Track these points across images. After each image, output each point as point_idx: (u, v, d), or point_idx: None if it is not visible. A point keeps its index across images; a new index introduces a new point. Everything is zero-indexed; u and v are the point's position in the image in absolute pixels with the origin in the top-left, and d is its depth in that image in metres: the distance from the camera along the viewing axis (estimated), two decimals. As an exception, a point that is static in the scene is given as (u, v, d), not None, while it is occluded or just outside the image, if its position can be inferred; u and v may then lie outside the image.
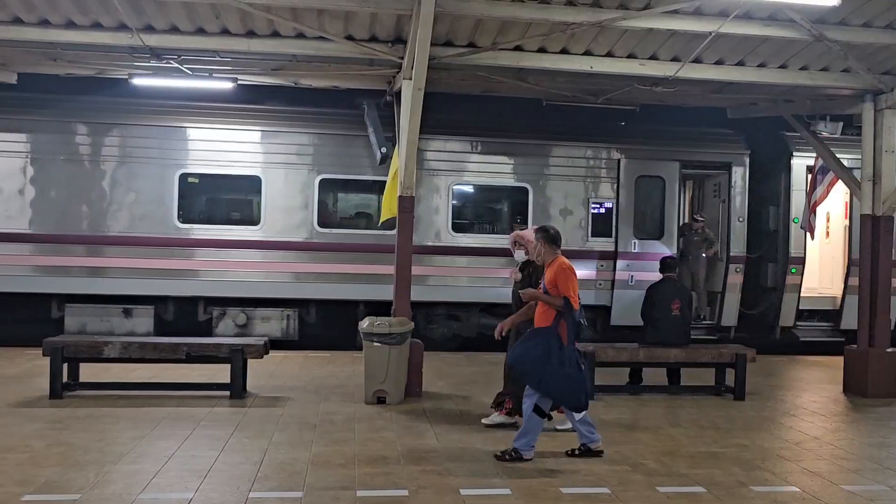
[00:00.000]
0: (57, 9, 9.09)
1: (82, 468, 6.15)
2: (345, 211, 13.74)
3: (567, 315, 6.64)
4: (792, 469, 6.72)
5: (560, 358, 6.60)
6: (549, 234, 6.96)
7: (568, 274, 6.71)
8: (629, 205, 13.64)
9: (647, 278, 12.40)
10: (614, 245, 13.53)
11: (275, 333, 12.82)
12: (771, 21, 9.18)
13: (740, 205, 13.97)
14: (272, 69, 10.93)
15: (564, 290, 6.66)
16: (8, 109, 12.64)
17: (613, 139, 13.77)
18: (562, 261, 6.82)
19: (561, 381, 6.62)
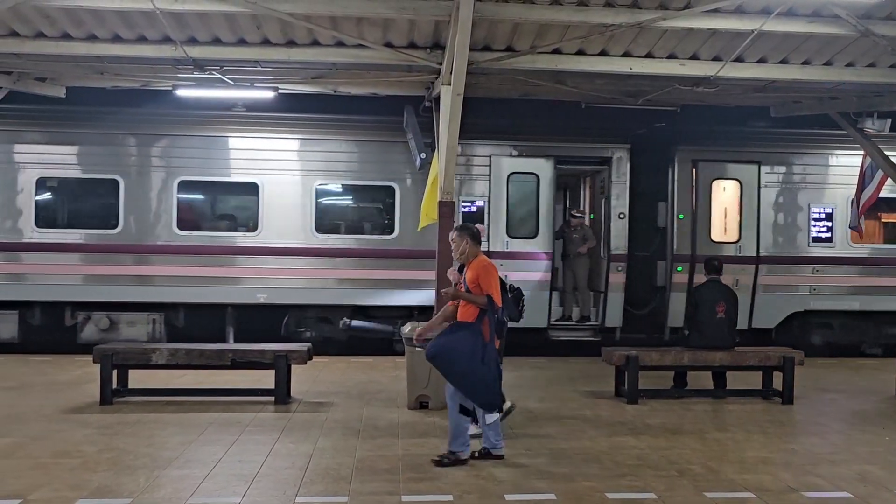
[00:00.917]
0: (104, 24, 9.31)
1: (133, 473, 6.27)
2: (207, 213, 13.56)
3: (490, 313, 6.57)
4: (844, 474, 6.57)
5: (483, 355, 6.53)
6: (474, 233, 6.89)
7: (490, 272, 6.67)
8: (501, 203, 13.20)
9: (523, 278, 12.23)
10: (486, 245, 12.79)
11: (141, 338, 12.68)
12: (815, 17, 9.02)
13: (621, 201, 13.43)
14: (312, 77, 11.06)
15: (487, 289, 6.60)
16: None
17: (484, 135, 13.25)
18: (482, 259, 6.80)
19: (481, 379, 6.54)
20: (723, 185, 13.77)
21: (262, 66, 10.37)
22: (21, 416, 8.23)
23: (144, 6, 8.54)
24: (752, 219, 13.57)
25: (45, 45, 9.67)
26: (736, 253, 13.50)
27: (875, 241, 14.08)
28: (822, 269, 13.58)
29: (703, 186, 13.57)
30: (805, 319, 13.72)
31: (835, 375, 11.70)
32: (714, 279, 10.00)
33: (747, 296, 13.29)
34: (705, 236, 13.54)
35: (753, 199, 13.58)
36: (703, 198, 13.56)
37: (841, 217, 13.68)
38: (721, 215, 13.86)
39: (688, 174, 13.56)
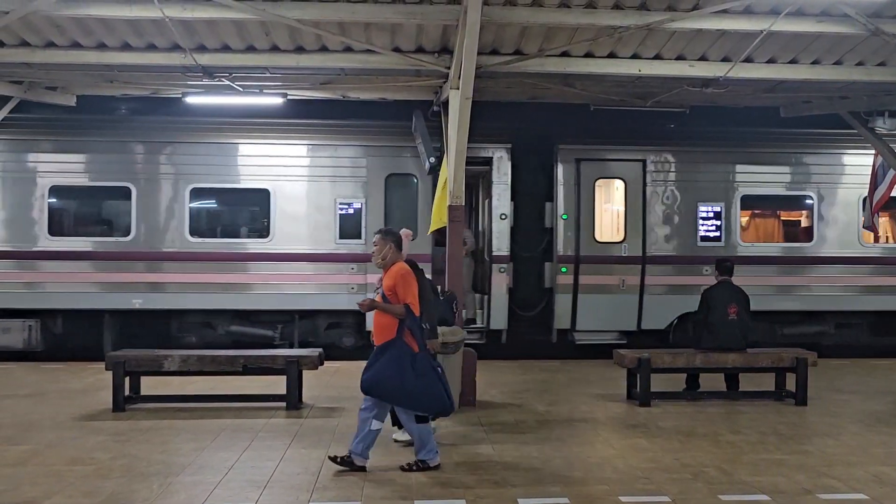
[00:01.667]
0: (113, 32, 9.37)
1: (146, 480, 6.28)
2: (82, 218, 13.33)
3: (410, 321, 6.39)
4: (859, 476, 6.52)
5: (415, 368, 6.35)
6: (397, 238, 6.70)
7: (408, 279, 6.48)
8: (379, 205, 13.02)
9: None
10: (364, 247, 12.79)
11: (16, 345, 12.49)
12: (824, 17, 8.98)
13: (503, 201, 13.12)
14: (321, 83, 11.09)
15: (404, 297, 6.40)
16: None
17: (361, 136, 13.13)
18: (400, 266, 6.57)
19: (422, 392, 6.37)
20: (607, 183, 13.61)
21: (270, 72, 10.41)
22: (35, 423, 8.28)
23: (154, 14, 8.58)
24: (638, 218, 13.30)
25: (55, 55, 9.73)
26: (621, 253, 13.29)
27: (767, 239, 13.86)
28: (711, 269, 13.02)
29: (587, 186, 13.32)
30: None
31: (848, 376, 11.63)
32: (725, 280, 9.96)
33: (635, 297, 13.16)
34: (589, 237, 13.32)
35: (638, 197, 13.32)
36: (587, 197, 13.31)
37: (730, 215, 13.41)
38: (606, 215, 13.75)
39: (571, 173, 13.29)
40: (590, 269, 13.27)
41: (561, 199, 13.27)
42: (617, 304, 13.26)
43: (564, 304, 13.20)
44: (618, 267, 13.24)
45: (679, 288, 13.23)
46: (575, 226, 13.24)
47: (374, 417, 6.50)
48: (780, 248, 13.73)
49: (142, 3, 8.53)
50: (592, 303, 13.23)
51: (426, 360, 6.49)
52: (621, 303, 13.29)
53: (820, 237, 13.62)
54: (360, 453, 6.50)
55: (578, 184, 13.28)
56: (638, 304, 13.26)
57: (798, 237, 14.02)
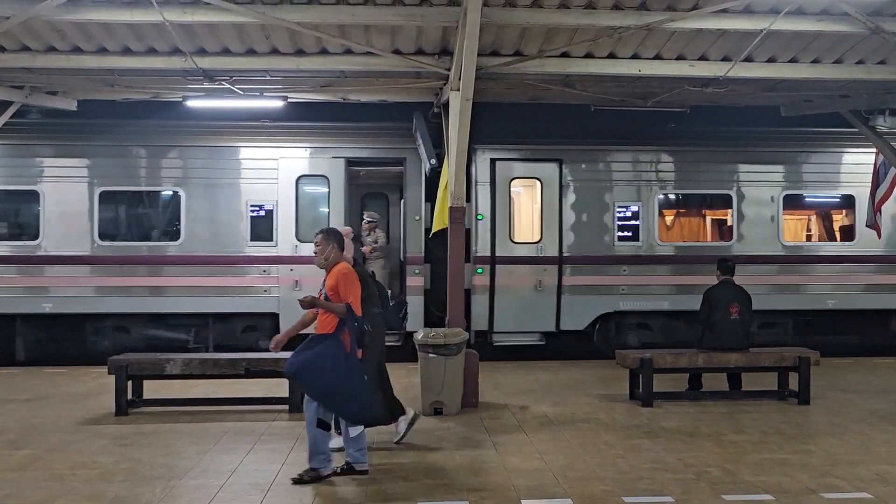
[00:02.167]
0: (114, 36, 9.38)
1: (149, 483, 6.29)
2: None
3: (350, 322, 6.32)
4: (862, 475, 6.51)
5: (345, 368, 6.26)
6: (340, 238, 6.68)
7: (349, 279, 6.41)
8: (290, 207, 12.85)
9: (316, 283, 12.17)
10: (276, 249, 12.77)
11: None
12: (824, 15, 8.98)
13: (416, 202, 12.99)
14: (321, 86, 11.10)
15: (346, 297, 6.33)
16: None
17: (271, 137, 12.97)
18: (343, 266, 6.52)
19: (343, 393, 6.25)
20: (523, 184, 13.45)
21: (271, 75, 10.43)
22: (38, 427, 8.28)
23: (154, 18, 8.60)
24: (554, 218, 13.14)
25: (57, 59, 9.76)
26: (537, 253, 13.12)
27: (684, 239, 13.66)
28: (630, 269, 13.13)
29: (502, 186, 13.14)
30: (623, 320, 13.27)
31: (851, 375, 11.61)
32: (727, 280, 9.95)
33: (552, 297, 13.03)
34: (505, 237, 13.13)
35: (555, 198, 13.15)
36: (503, 198, 13.13)
37: (647, 215, 13.25)
38: (522, 215, 13.57)
39: (486, 173, 13.12)
40: (506, 270, 13.10)
41: (477, 200, 13.10)
42: (534, 305, 13.06)
43: (481, 305, 12.98)
44: (535, 267, 13.07)
45: (597, 288, 13.09)
46: (491, 226, 13.05)
47: (350, 426, 6.42)
48: (699, 248, 13.50)
49: (142, 8, 8.56)
50: (510, 304, 13.04)
51: (357, 363, 6.35)
52: (539, 303, 13.10)
53: (740, 236, 13.45)
54: (359, 458, 6.47)
55: (494, 184, 13.11)
56: (556, 305, 13.11)
57: (718, 236, 13.82)
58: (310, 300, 6.44)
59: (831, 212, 14.20)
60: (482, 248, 13.08)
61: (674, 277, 13.22)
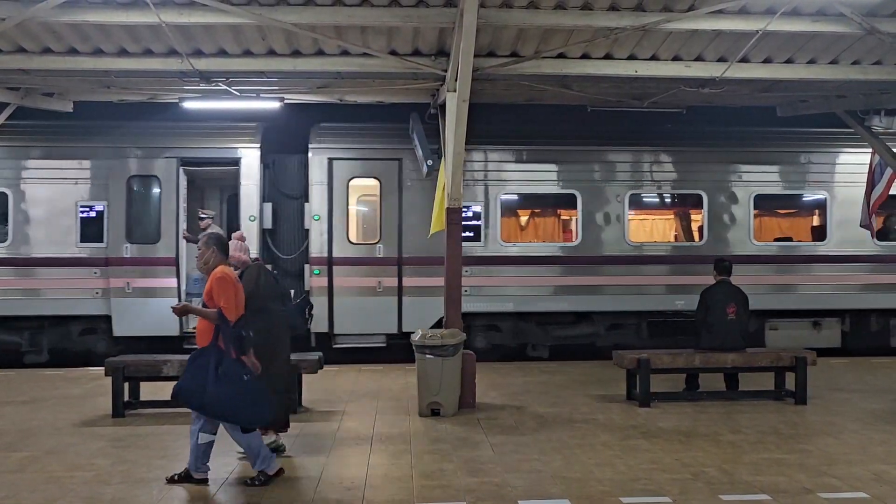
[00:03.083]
0: (110, 38, 9.37)
1: (146, 485, 6.28)
2: None
3: (224, 328, 6.16)
4: (859, 474, 6.52)
5: (222, 374, 6.08)
6: (222, 242, 6.52)
7: (224, 284, 6.22)
8: (120, 207, 12.69)
9: (147, 285, 12.16)
10: (106, 251, 12.66)
11: None
12: (820, 16, 9.00)
13: (251, 202, 12.83)
14: (318, 87, 11.09)
15: (218, 301, 6.18)
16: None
17: (102, 138, 12.82)
18: (220, 269, 6.33)
19: (224, 399, 6.08)
20: (361, 183, 13.25)
21: (267, 76, 10.42)
22: (34, 430, 8.26)
23: (150, 20, 8.58)
24: (394, 219, 12.98)
25: (52, 61, 9.74)
26: (376, 254, 12.98)
27: (528, 239, 13.50)
28: (473, 270, 12.77)
29: (340, 185, 13.00)
30: (472, 322, 12.90)
31: (848, 375, 11.63)
32: (724, 280, 9.96)
33: (393, 299, 12.86)
34: (343, 238, 12.97)
35: (394, 197, 13.01)
36: (340, 197, 12.99)
37: (490, 215, 13.05)
38: (360, 215, 13.41)
39: (323, 173, 12.97)
40: (344, 272, 12.90)
41: (314, 200, 12.96)
42: (375, 307, 12.82)
43: (320, 307, 12.65)
44: (374, 269, 12.88)
45: (439, 290, 12.54)
46: (328, 227, 12.89)
47: (201, 430, 6.32)
48: (543, 248, 13.31)
49: (138, 9, 8.54)
50: (349, 306, 12.80)
51: (234, 367, 6.16)
52: (380, 305, 12.87)
53: (585, 236, 13.26)
54: (196, 468, 6.34)
55: (331, 184, 12.97)
56: (397, 307, 12.89)
57: (563, 237, 13.68)
58: (181, 308, 6.38)
59: (687, 211, 14.00)
60: (318, 249, 12.90)
61: (518, 278, 12.99)
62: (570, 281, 13.12)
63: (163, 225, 12.84)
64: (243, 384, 6.15)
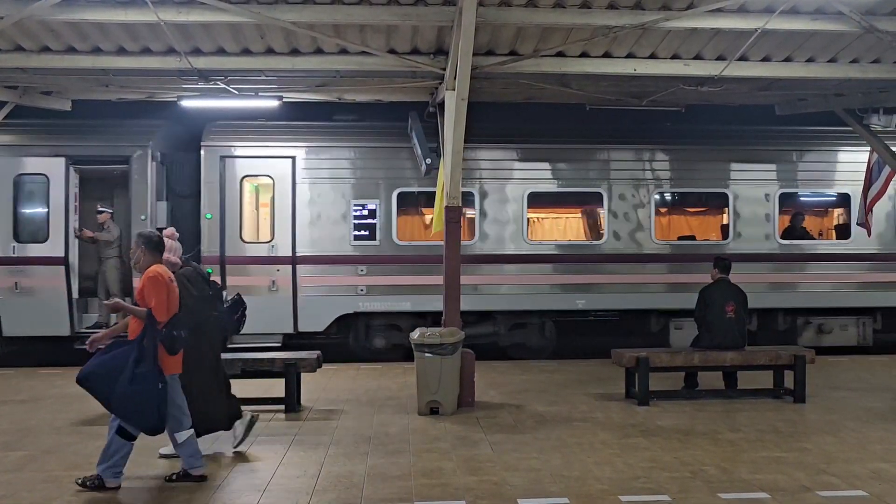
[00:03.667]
0: (108, 36, 9.36)
1: (146, 484, 6.28)
2: None
3: (151, 329, 6.04)
4: (858, 472, 6.53)
5: (135, 374, 5.94)
6: (153, 241, 6.39)
7: (155, 283, 6.12)
8: (7, 206, 12.50)
9: (33, 284, 12.14)
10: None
11: None
12: (818, 15, 9.00)
13: (142, 200, 12.60)
14: (316, 86, 11.09)
15: (148, 301, 6.08)
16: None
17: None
18: (152, 269, 6.23)
19: (135, 399, 5.94)
20: (254, 181, 13.18)
21: (266, 75, 10.41)
22: (33, 429, 8.25)
23: (149, 18, 8.57)
24: (287, 217, 12.82)
25: (51, 59, 9.72)
26: (270, 253, 12.79)
27: (425, 238, 13.09)
28: (368, 269, 12.79)
29: (232, 183, 12.84)
30: (372, 321, 12.99)
31: (846, 373, 11.64)
32: (723, 279, 9.97)
33: (288, 298, 12.67)
34: (235, 236, 12.80)
35: (288, 196, 12.84)
36: (232, 196, 12.83)
37: (385, 213, 12.91)
38: (253, 213, 13.29)
39: (216, 171, 12.77)
40: (237, 270, 12.72)
41: (205, 199, 12.77)
42: (270, 307, 12.57)
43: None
44: (267, 268, 12.72)
45: (334, 288, 12.74)
46: (220, 225, 12.71)
47: (181, 429, 6.30)
48: (438, 247, 12.60)
49: (137, 7, 8.53)
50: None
51: (152, 371, 6.02)
52: (274, 305, 12.66)
53: (484, 234, 13.07)
54: (193, 463, 6.32)
55: (223, 182, 12.80)
56: (292, 306, 12.74)
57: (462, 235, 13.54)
58: (112, 305, 6.30)
59: (588, 209, 13.78)
60: (210, 248, 12.74)
61: (415, 277, 12.77)
62: (467, 280, 12.66)
63: (51, 224, 12.60)
64: (156, 391, 6.02)
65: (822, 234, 14.31)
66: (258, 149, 13.00)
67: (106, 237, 12.76)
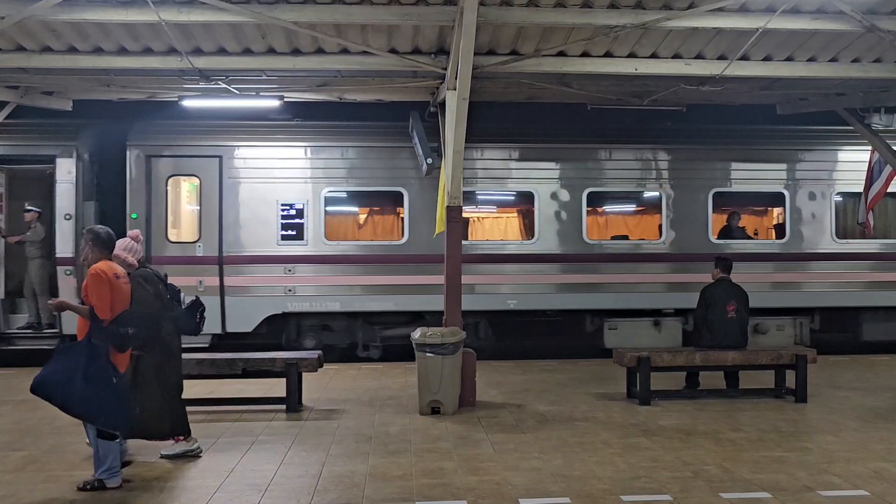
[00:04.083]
0: (109, 36, 9.36)
1: (147, 484, 6.28)
2: None
3: (96, 327, 6.01)
4: (860, 472, 6.52)
5: (88, 374, 5.90)
6: (100, 238, 6.33)
7: (98, 280, 6.07)
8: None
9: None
10: None
11: None
12: (819, 14, 9.00)
13: (67, 200, 12.49)
14: (317, 85, 11.09)
15: (91, 300, 6.05)
16: None
17: None
18: (96, 266, 6.19)
19: (91, 399, 5.89)
20: (180, 181, 13.00)
21: (267, 75, 10.41)
22: (34, 429, 8.26)
23: (150, 18, 8.58)
24: (214, 217, 12.69)
25: (52, 59, 9.72)
26: (196, 253, 12.65)
27: (353, 238, 13.25)
28: (296, 269, 12.67)
29: (158, 183, 12.70)
30: (303, 321, 12.87)
31: (848, 373, 11.63)
32: (724, 278, 9.97)
33: (216, 298, 12.43)
34: (161, 236, 12.67)
35: (214, 195, 12.72)
36: (158, 195, 12.70)
37: (313, 213, 12.74)
38: (179, 213, 13.16)
39: (141, 170, 12.67)
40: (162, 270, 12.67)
41: (130, 198, 12.65)
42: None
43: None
44: (194, 268, 12.55)
45: (262, 289, 12.62)
46: (146, 225, 12.55)
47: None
48: (366, 247, 12.97)
49: (138, 7, 8.54)
50: None
51: (104, 368, 5.99)
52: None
53: (411, 234, 12.87)
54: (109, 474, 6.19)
55: (149, 182, 12.70)
56: (220, 306, 12.56)
57: (389, 235, 13.34)
58: (57, 303, 6.25)
59: (520, 209, 13.62)
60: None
61: (344, 278, 12.70)
62: (397, 280, 12.76)
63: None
64: (112, 387, 5.98)
65: (757, 233, 14.16)
66: (185, 148, 12.85)
67: (32, 237, 12.65)
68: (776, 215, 14.09)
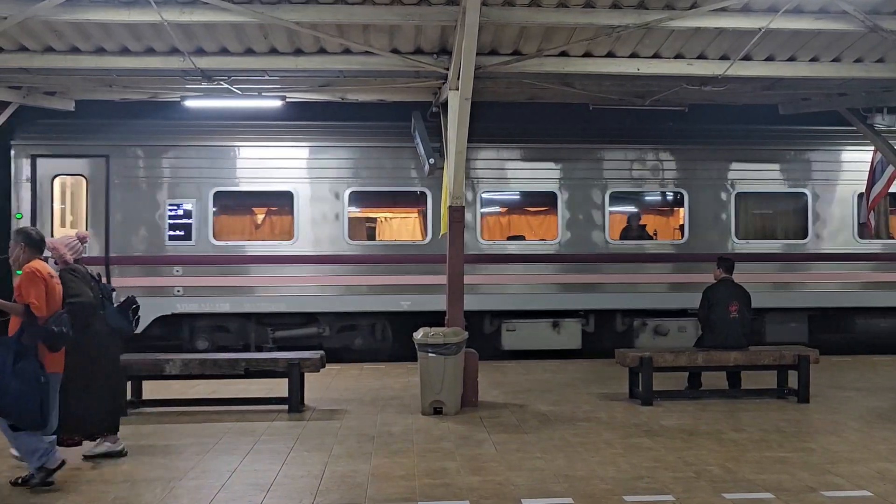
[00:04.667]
0: (112, 36, 9.36)
1: (149, 484, 6.28)
2: None
3: (29, 325, 6.02)
4: (863, 472, 6.51)
5: (19, 370, 5.89)
6: (32, 238, 6.40)
7: (33, 278, 6.12)
8: None
9: None
10: None
11: None
12: (822, 14, 8.99)
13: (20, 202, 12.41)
14: (320, 86, 11.09)
15: (26, 297, 6.08)
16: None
17: None
18: (29, 265, 6.23)
19: (13, 395, 5.86)
20: (67, 181, 12.75)
21: (269, 75, 10.41)
22: None
23: (152, 18, 8.58)
24: (101, 217, 12.51)
25: (54, 60, 9.72)
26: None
27: (241, 238, 12.98)
28: (185, 270, 12.49)
29: (44, 183, 12.48)
30: (196, 323, 12.70)
31: (850, 373, 11.62)
32: (726, 278, 9.96)
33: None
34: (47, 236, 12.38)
35: (101, 195, 12.53)
36: (44, 195, 12.47)
37: (201, 213, 12.58)
38: (65, 214, 12.88)
39: (27, 171, 12.42)
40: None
41: (17, 198, 12.46)
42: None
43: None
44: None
45: (151, 290, 12.33)
46: (31, 224, 11.99)
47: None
48: (259, 247, 12.77)
49: (140, 8, 8.54)
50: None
51: (32, 366, 5.99)
52: None
53: (302, 234, 12.70)
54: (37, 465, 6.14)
55: (35, 182, 12.45)
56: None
57: (280, 235, 13.07)
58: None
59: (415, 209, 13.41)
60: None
61: (233, 278, 12.53)
62: (288, 281, 12.62)
63: None
64: (38, 385, 5.97)
65: (656, 233, 13.97)
66: (71, 147, 12.68)
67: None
68: (680, 216, 13.87)
